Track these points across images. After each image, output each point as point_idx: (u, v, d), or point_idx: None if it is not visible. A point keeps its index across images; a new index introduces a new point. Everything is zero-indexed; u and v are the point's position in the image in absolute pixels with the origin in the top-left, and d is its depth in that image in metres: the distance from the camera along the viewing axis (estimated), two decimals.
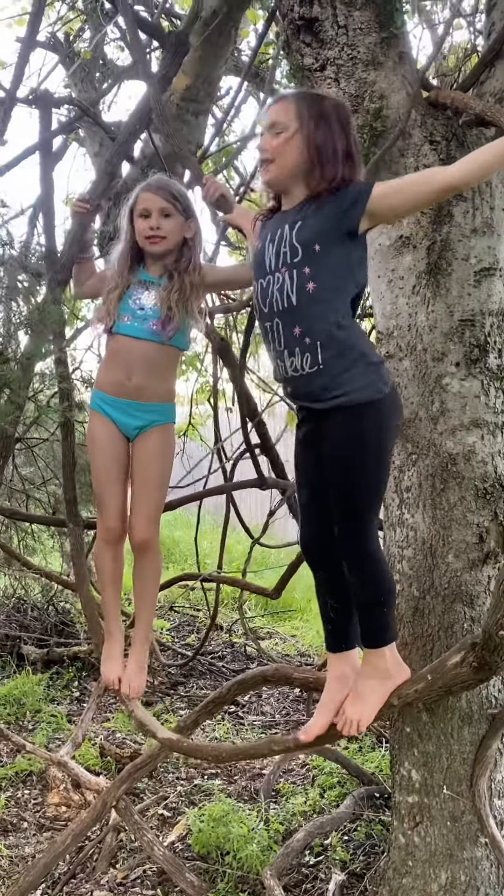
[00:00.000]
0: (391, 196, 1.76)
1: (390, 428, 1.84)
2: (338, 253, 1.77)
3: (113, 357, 2.32)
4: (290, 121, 1.78)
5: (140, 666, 2.44)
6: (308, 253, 1.76)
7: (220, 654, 5.41)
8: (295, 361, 1.79)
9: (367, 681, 1.92)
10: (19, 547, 5.53)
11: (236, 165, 5.08)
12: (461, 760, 2.17)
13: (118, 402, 2.30)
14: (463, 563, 2.18)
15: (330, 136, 1.77)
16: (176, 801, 3.38)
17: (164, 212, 2.23)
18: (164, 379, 2.34)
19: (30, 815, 3.32)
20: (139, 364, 2.26)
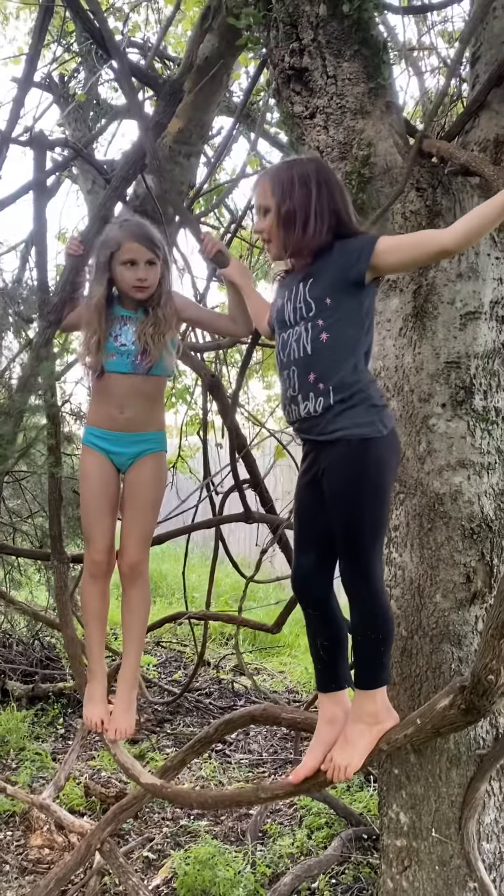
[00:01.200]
0: (392, 253, 1.83)
1: (389, 466, 1.88)
2: (348, 304, 1.86)
3: (103, 394, 2.36)
4: (270, 200, 1.89)
5: (127, 707, 2.40)
6: (321, 307, 1.87)
7: (207, 691, 5.36)
8: (308, 405, 1.88)
9: (356, 725, 1.91)
10: (5, 580, 5.48)
11: (227, 203, 5.17)
12: (449, 803, 2.16)
13: (112, 434, 2.35)
14: (450, 602, 2.19)
15: (306, 199, 1.86)
16: (161, 842, 3.33)
17: (149, 261, 2.29)
18: (154, 409, 2.40)
19: (12, 858, 3.25)
20: (129, 397, 2.33)
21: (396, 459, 1.95)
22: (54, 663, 5.43)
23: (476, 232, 1.74)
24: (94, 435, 2.37)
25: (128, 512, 2.38)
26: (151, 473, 2.38)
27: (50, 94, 4.78)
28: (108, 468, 2.37)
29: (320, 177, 1.88)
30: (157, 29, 5.02)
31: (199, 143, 3.56)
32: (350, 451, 1.84)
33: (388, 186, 2.28)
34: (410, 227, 2.25)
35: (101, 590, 2.44)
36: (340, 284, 1.86)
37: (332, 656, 1.99)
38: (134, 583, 2.40)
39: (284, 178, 1.88)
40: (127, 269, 2.28)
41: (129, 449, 2.35)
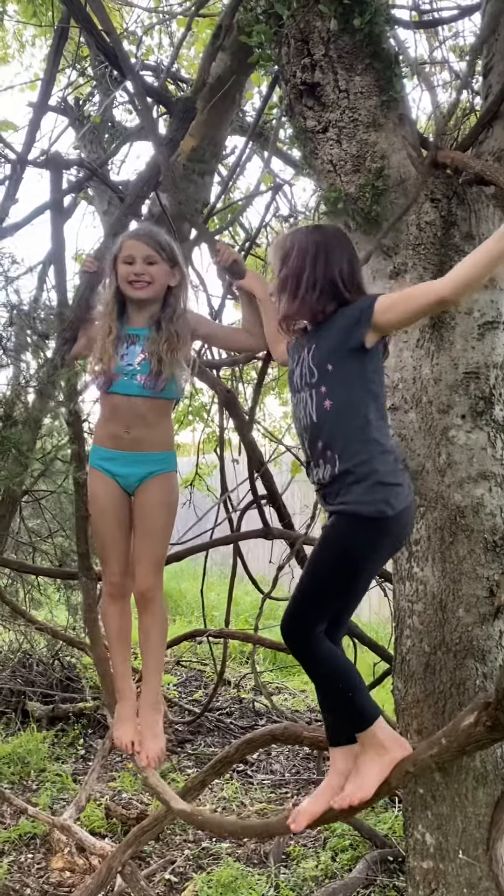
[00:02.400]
0: (391, 310, 1.82)
1: (383, 548, 1.89)
2: (350, 369, 1.86)
3: (108, 414, 2.31)
4: (274, 266, 1.95)
5: (154, 734, 2.35)
6: (322, 373, 1.86)
7: (228, 711, 5.31)
8: (319, 472, 1.88)
9: (364, 758, 1.86)
10: (25, 601, 5.48)
11: (242, 222, 5.19)
12: (476, 823, 2.11)
13: (118, 454, 2.28)
14: (473, 617, 2.15)
15: (300, 268, 1.88)
16: (183, 865, 3.28)
17: (149, 259, 2.23)
18: (161, 429, 2.34)
19: (33, 881, 3.22)
20: (134, 418, 2.26)
21: (400, 540, 1.94)
22: (74, 683, 5.41)
23: (472, 278, 1.71)
24: (100, 456, 2.32)
25: (138, 538, 2.33)
26: (160, 496, 2.32)
27: (65, 118, 4.84)
28: (116, 491, 2.31)
29: (321, 246, 1.90)
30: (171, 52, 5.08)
31: (212, 161, 3.59)
32: (345, 527, 1.84)
33: (402, 198, 2.26)
34: (426, 237, 2.24)
35: (121, 609, 2.42)
36: (341, 350, 1.85)
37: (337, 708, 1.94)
38: (147, 608, 2.36)
39: (286, 247, 1.92)
40: (125, 267, 2.24)
41: (136, 469, 2.28)
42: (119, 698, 2.42)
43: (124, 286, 2.25)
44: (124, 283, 2.25)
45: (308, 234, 1.94)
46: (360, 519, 1.81)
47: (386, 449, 1.86)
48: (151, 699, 2.40)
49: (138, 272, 2.22)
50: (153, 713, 2.38)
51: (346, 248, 1.94)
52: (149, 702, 2.39)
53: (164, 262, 2.25)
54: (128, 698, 2.41)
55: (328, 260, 1.89)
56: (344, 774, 1.90)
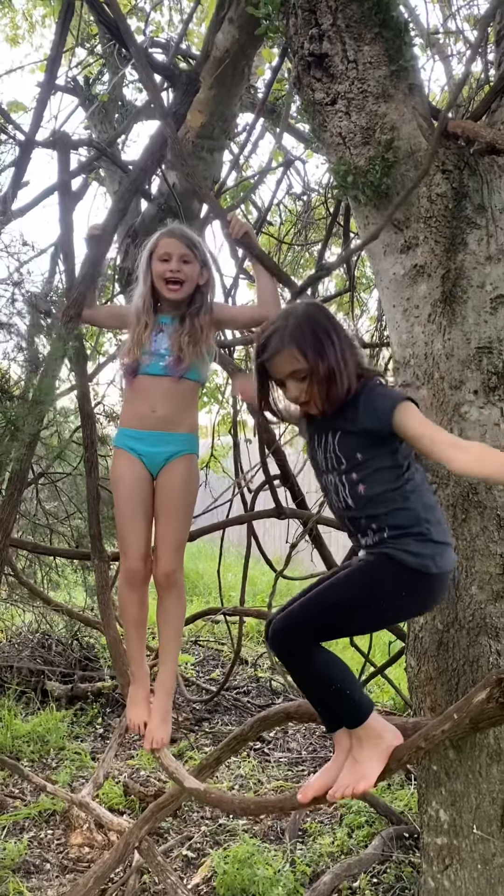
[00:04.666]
0: (407, 431, 1.79)
1: (407, 600, 1.85)
2: (380, 454, 1.84)
3: (135, 394, 2.38)
4: (302, 364, 1.83)
5: (164, 718, 2.36)
6: (352, 461, 1.84)
7: (244, 689, 5.34)
8: (367, 540, 1.87)
9: (361, 749, 1.87)
10: (43, 582, 5.53)
11: (253, 200, 5.14)
12: (490, 800, 2.10)
13: (144, 434, 2.35)
14: (487, 594, 2.13)
15: (335, 352, 1.82)
16: (200, 841, 3.32)
17: (184, 258, 2.34)
18: (186, 410, 2.40)
19: (52, 856, 3.27)
20: (161, 397, 2.34)
21: (432, 601, 1.90)
22: (93, 663, 5.47)
23: (489, 474, 1.70)
24: (126, 435, 2.37)
25: (161, 519, 2.36)
26: (182, 478, 2.35)
27: (75, 98, 4.81)
28: (141, 470, 2.35)
29: (330, 322, 1.86)
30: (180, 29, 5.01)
31: (222, 137, 3.54)
32: (384, 567, 1.81)
33: (412, 170, 2.22)
34: (437, 210, 2.20)
35: (139, 598, 2.42)
36: (369, 441, 1.83)
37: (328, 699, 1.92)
38: (169, 591, 2.37)
39: (309, 338, 1.82)
40: (161, 264, 2.34)
41: (161, 449, 2.34)
42: (133, 681, 2.43)
43: (159, 284, 2.35)
44: (159, 280, 2.35)
45: (313, 315, 1.87)
46: (402, 566, 1.79)
47: (430, 505, 1.86)
48: (167, 684, 2.41)
49: (174, 269, 2.32)
50: (166, 698, 2.39)
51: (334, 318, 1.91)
52: (164, 686, 2.40)
53: (196, 262, 2.36)
54: (141, 681, 2.42)
55: (341, 332, 1.87)
56: (349, 751, 1.91)
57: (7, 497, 2.57)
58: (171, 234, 2.36)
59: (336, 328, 1.85)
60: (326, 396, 1.83)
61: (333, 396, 1.83)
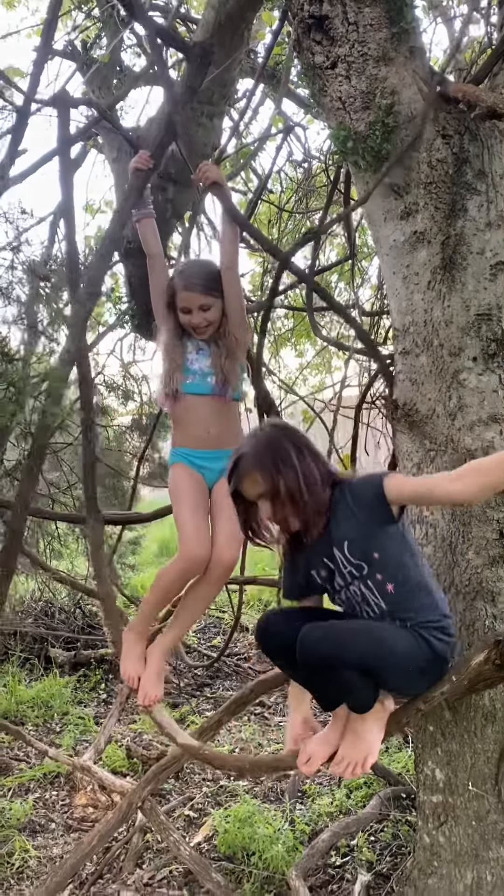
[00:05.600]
0: (402, 496, 1.84)
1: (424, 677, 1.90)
2: (391, 542, 1.87)
3: (186, 416, 2.50)
4: (264, 488, 1.86)
5: (158, 676, 2.42)
6: (372, 563, 1.86)
7: (245, 656, 5.41)
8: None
9: (363, 722, 1.91)
10: (45, 551, 5.58)
11: (254, 167, 5.09)
12: (485, 759, 2.15)
13: (202, 453, 2.48)
14: (483, 559, 2.16)
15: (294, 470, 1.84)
16: (202, 801, 3.39)
17: (204, 307, 2.45)
18: (235, 426, 2.57)
19: (57, 816, 3.34)
20: (213, 418, 2.48)
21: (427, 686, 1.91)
22: (96, 631, 5.53)
23: (493, 484, 1.72)
24: (187, 454, 2.50)
25: (219, 518, 2.44)
26: None
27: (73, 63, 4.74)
28: (199, 478, 2.48)
29: (292, 442, 1.87)
30: None
31: (221, 103, 3.50)
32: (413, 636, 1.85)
33: (413, 135, 2.21)
34: (437, 175, 2.19)
35: (185, 582, 2.45)
36: (376, 534, 1.85)
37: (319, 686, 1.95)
38: (218, 578, 2.42)
39: (268, 461, 1.84)
40: (184, 315, 2.48)
41: (218, 465, 2.44)
42: (135, 635, 2.48)
43: (189, 330, 2.51)
44: (188, 328, 2.51)
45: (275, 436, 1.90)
46: (430, 647, 1.84)
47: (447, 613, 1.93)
48: (167, 646, 2.48)
49: (197, 323, 2.47)
50: (162, 659, 2.45)
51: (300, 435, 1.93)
52: (164, 647, 2.47)
53: (217, 299, 2.46)
54: (143, 637, 2.48)
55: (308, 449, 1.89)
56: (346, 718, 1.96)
57: (26, 471, 2.61)
58: (187, 286, 2.45)
59: (298, 447, 1.87)
60: (296, 515, 1.85)
61: (304, 514, 1.85)
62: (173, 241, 4.42)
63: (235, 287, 2.50)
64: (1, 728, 3.79)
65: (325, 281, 5.77)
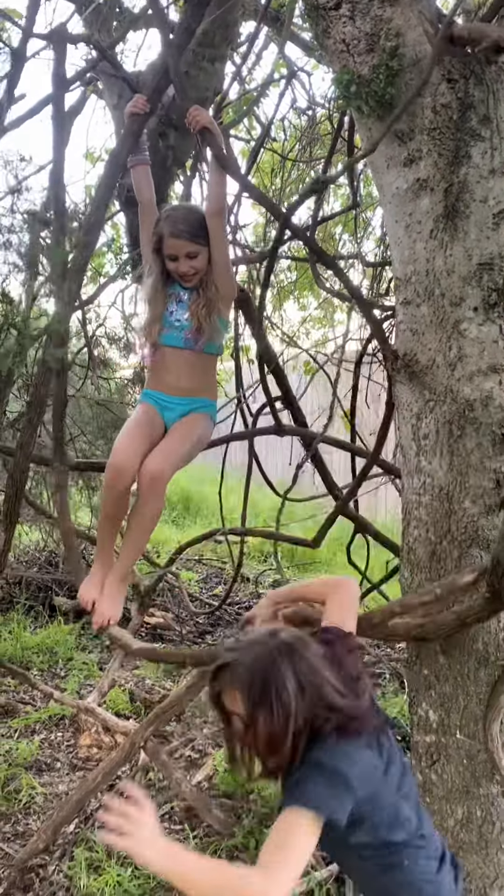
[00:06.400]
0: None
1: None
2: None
3: (160, 366, 2.53)
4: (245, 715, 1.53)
5: (114, 599, 2.44)
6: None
7: (246, 605, 5.51)
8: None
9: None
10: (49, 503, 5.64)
11: (257, 114, 5.00)
12: (477, 701, 2.21)
13: (174, 399, 2.50)
14: (479, 508, 2.19)
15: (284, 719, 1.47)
16: (202, 743, 3.50)
17: (190, 255, 2.42)
18: (207, 379, 2.59)
19: (63, 756, 3.45)
20: (185, 370, 2.50)
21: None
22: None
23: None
24: (153, 395, 2.53)
25: (162, 441, 2.44)
26: (192, 422, 2.49)
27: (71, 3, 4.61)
28: (157, 416, 2.50)
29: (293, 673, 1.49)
30: None
31: (223, 45, 3.42)
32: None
33: (417, 79, 2.17)
34: (441, 121, 2.16)
35: (116, 499, 2.44)
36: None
37: None
38: (148, 493, 2.37)
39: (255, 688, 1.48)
40: (170, 262, 2.45)
41: (182, 409, 2.49)
42: (94, 565, 2.51)
43: (176, 277, 2.47)
44: (174, 276, 2.47)
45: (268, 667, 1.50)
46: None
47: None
48: (120, 573, 2.47)
49: (183, 271, 2.44)
50: (118, 584, 2.46)
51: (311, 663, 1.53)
52: (117, 574, 2.47)
53: (204, 247, 2.43)
54: (103, 566, 2.49)
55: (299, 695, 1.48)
56: None
57: (27, 421, 2.63)
58: (174, 233, 2.42)
59: (301, 684, 1.49)
60: (263, 755, 1.52)
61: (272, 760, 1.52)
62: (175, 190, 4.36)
63: (221, 235, 2.46)
64: (7, 671, 3.89)
65: (329, 232, 5.71)
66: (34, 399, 2.75)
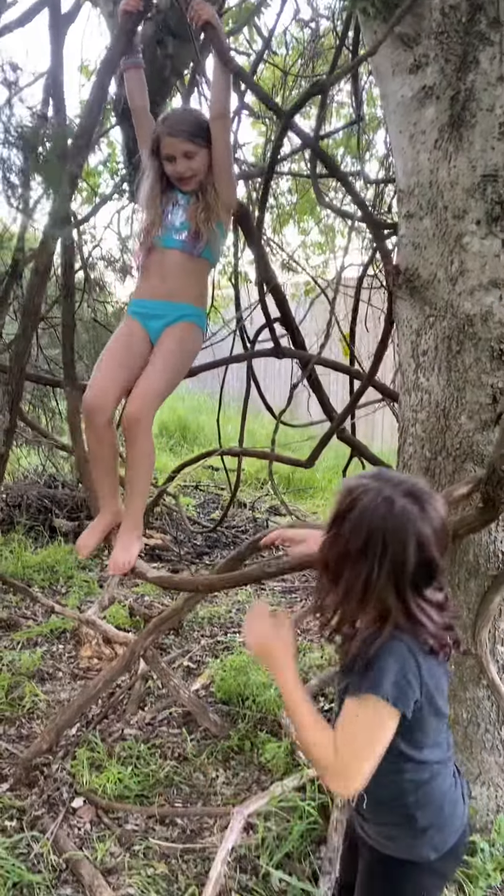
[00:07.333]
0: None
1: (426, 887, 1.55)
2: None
3: (148, 268, 2.42)
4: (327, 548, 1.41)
5: (127, 548, 2.36)
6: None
7: (243, 529, 5.60)
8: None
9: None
10: (48, 427, 5.67)
11: (258, 25, 4.80)
12: (467, 610, 2.28)
13: (152, 303, 2.39)
14: (475, 423, 2.22)
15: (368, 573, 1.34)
16: (200, 654, 3.61)
17: (188, 154, 2.32)
18: (196, 285, 2.44)
19: (64, 667, 3.57)
20: (172, 270, 2.38)
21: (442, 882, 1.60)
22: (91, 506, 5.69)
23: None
24: (138, 305, 2.43)
25: (144, 371, 2.33)
26: (177, 338, 2.36)
27: None
28: (140, 332, 2.38)
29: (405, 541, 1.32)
30: None
31: None
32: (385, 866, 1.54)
33: None
34: (449, 24, 2.09)
35: (97, 436, 2.36)
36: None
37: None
38: (132, 439, 2.31)
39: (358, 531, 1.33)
40: (168, 164, 2.34)
41: (165, 318, 2.37)
42: (100, 509, 2.46)
43: (174, 181, 2.37)
44: (172, 179, 2.37)
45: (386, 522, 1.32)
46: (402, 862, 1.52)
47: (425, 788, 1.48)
48: (130, 524, 2.40)
49: (181, 171, 2.33)
50: (130, 533, 2.39)
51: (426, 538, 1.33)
52: (129, 524, 2.40)
53: (203, 148, 2.33)
54: (105, 513, 2.45)
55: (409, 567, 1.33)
56: None
57: (21, 331, 2.61)
58: (171, 132, 2.31)
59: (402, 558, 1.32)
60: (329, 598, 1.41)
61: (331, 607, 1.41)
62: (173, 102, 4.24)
63: (224, 138, 2.36)
64: (9, 585, 3.98)
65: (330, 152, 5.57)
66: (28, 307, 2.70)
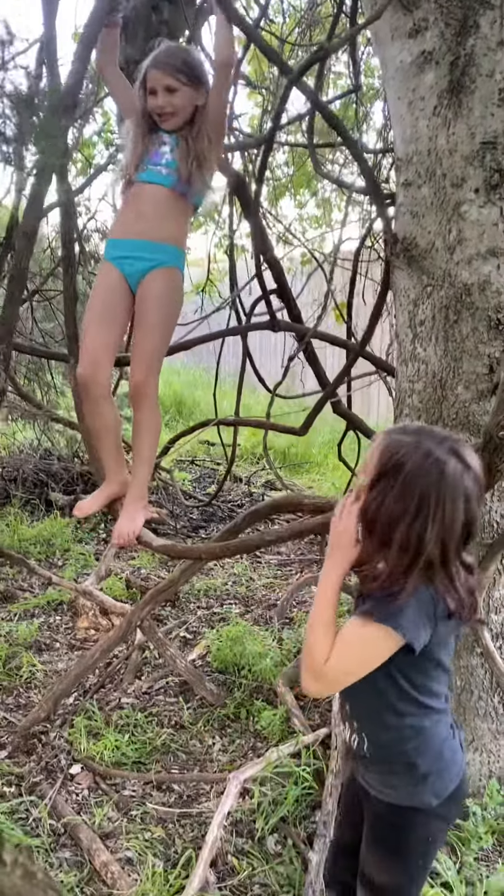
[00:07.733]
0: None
1: (430, 833, 1.56)
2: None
3: (126, 203, 2.33)
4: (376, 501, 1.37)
5: (132, 518, 2.36)
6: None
7: (239, 503, 5.62)
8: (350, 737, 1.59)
9: None
10: (43, 401, 5.65)
11: None
12: None
13: (127, 243, 2.28)
14: (472, 394, 2.22)
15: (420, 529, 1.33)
16: (196, 624, 3.64)
17: (169, 88, 2.22)
18: (173, 222, 2.31)
19: (62, 637, 3.59)
20: (148, 204, 2.27)
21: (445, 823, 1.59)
22: (94, 477, 5.69)
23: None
24: (112, 246, 2.32)
25: (136, 332, 2.30)
26: (162, 288, 2.28)
27: None
28: (118, 280, 2.29)
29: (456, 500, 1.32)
30: None
31: None
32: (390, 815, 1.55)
33: None
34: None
35: (92, 409, 2.34)
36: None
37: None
38: (140, 405, 2.30)
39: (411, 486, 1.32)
40: (150, 98, 2.25)
41: (140, 263, 2.27)
42: (105, 478, 2.47)
43: (155, 116, 2.28)
44: (154, 114, 2.27)
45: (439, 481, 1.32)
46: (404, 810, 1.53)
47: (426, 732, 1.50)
48: (136, 493, 2.40)
49: (160, 105, 2.23)
50: (135, 503, 2.39)
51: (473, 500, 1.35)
52: (134, 494, 2.40)
53: (186, 86, 2.23)
54: (112, 482, 2.45)
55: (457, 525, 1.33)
56: None
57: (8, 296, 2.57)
58: (156, 64, 2.22)
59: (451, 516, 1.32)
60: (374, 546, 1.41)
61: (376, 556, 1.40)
62: None
63: (224, 85, 2.28)
64: (6, 558, 3.99)
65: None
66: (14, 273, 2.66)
